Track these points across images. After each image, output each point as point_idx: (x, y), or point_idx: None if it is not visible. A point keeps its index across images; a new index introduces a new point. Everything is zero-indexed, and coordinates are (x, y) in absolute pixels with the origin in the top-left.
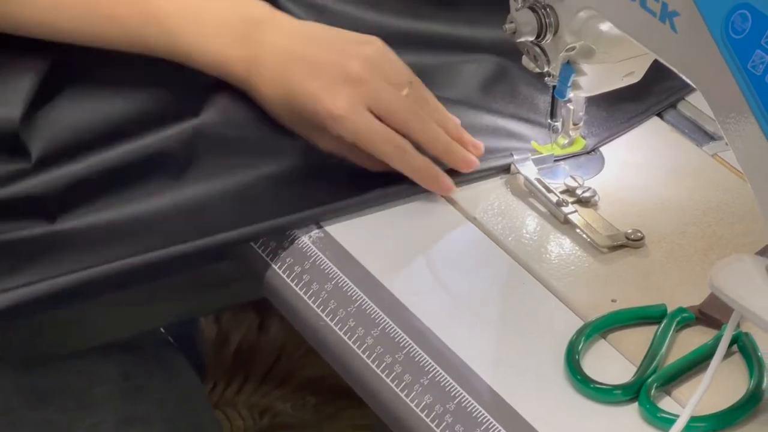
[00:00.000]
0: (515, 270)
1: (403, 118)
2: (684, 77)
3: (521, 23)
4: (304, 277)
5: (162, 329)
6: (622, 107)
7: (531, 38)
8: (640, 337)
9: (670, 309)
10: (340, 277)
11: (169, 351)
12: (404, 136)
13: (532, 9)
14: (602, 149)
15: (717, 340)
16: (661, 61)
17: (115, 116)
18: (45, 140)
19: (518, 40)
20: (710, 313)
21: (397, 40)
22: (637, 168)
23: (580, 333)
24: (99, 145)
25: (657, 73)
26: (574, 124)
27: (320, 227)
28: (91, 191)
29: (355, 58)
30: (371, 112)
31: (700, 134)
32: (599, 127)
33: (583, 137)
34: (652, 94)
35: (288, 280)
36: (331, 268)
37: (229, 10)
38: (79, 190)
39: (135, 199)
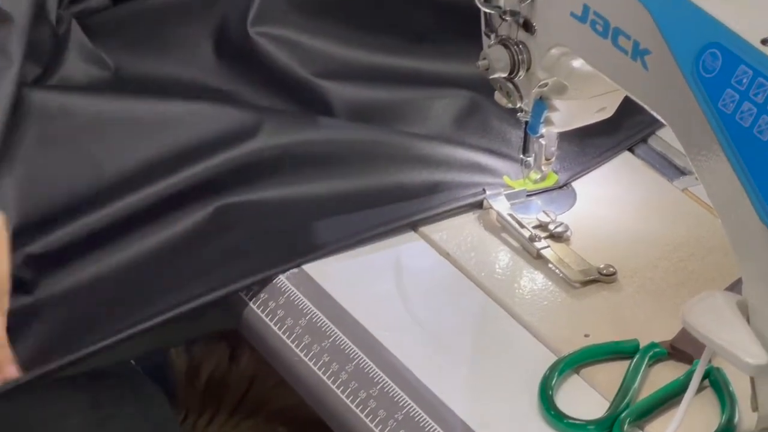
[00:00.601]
0: (488, 305)
1: None
2: (655, 114)
3: (494, 60)
4: (278, 312)
5: (132, 361)
6: (593, 142)
7: (504, 75)
8: (613, 372)
9: (642, 344)
10: (315, 312)
11: (140, 379)
12: None
13: (505, 45)
14: (574, 184)
15: (689, 375)
16: (633, 98)
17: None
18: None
19: (491, 77)
20: (682, 348)
21: (369, 76)
22: (609, 202)
23: (553, 368)
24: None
25: (628, 108)
26: (547, 159)
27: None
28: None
29: None
30: None
31: (671, 169)
32: (571, 161)
33: (556, 172)
34: (624, 129)
35: (263, 316)
36: (306, 304)
37: None
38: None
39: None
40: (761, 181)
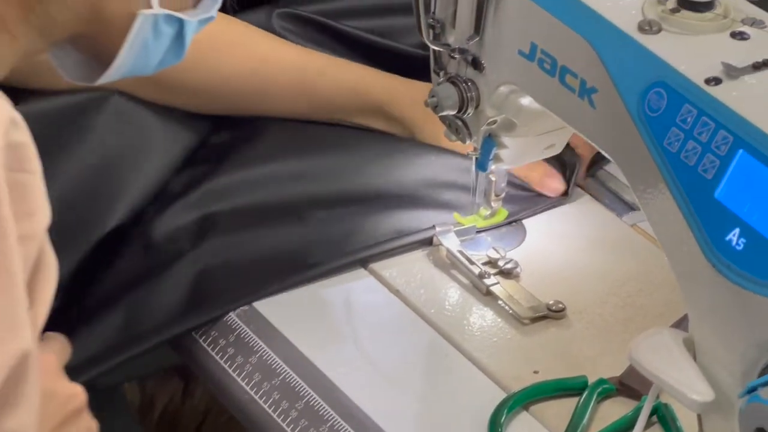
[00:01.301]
0: (438, 342)
1: None
2: (602, 152)
3: (443, 97)
4: (228, 350)
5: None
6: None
7: (453, 112)
8: (562, 409)
9: (591, 380)
10: (265, 350)
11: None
12: None
13: (454, 83)
14: (524, 220)
15: (637, 411)
16: (581, 135)
17: None
18: None
19: (440, 114)
20: (630, 384)
21: None
22: (559, 238)
23: (502, 405)
24: None
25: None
26: (496, 196)
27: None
28: None
29: None
30: None
31: (620, 204)
32: (521, 198)
33: (505, 208)
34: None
35: (213, 354)
36: (256, 342)
37: None
38: None
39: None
40: (706, 219)
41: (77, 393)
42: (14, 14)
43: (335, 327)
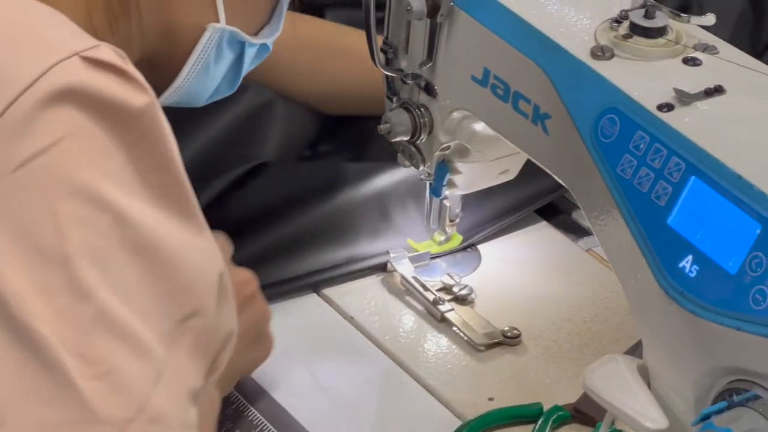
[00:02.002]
0: (392, 369)
1: None
2: (556, 177)
3: (396, 123)
4: None
5: None
6: (498, 204)
7: (405, 138)
8: None
9: (546, 406)
10: None
11: None
12: None
13: (407, 109)
14: (479, 245)
15: None
16: (534, 161)
17: None
18: None
19: (392, 140)
20: (585, 411)
21: None
22: (514, 264)
23: None
24: None
25: (534, 170)
26: (451, 221)
27: None
28: None
29: None
30: None
31: (575, 229)
32: (476, 223)
33: (460, 234)
34: (529, 191)
35: None
36: None
37: None
38: None
39: None
40: (659, 246)
41: (249, 279)
42: (102, 24)
43: (290, 355)
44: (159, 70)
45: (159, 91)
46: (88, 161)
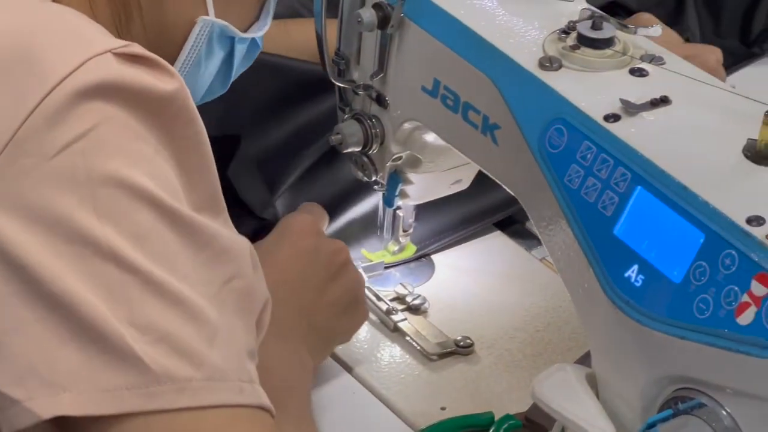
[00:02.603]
0: (345, 379)
1: None
2: (506, 187)
3: (347, 134)
4: None
5: None
6: (455, 215)
7: (357, 149)
8: None
9: (498, 415)
10: None
11: None
12: None
13: (359, 120)
14: (433, 255)
15: None
16: (484, 171)
17: None
18: None
19: (344, 151)
20: (536, 420)
21: None
22: (467, 273)
23: None
24: None
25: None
26: (404, 231)
27: None
28: None
29: None
30: None
31: (529, 238)
32: (432, 234)
33: (414, 244)
34: (487, 202)
35: None
36: None
37: None
38: None
39: None
40: (605, 256)
41: (341, 248)
42: (107, 23)
43: None
44: None
45: None
46: (121, 146)
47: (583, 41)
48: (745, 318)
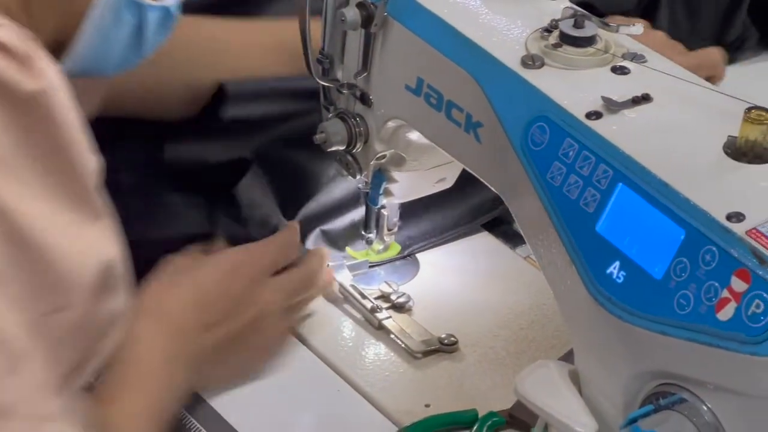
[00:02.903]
0: (330, 377)
1: None
2: (489, 186)
3: (331, 133)
4: None
5: None
6: (439, 215)
7: (341, 147)
8: None
9: (482, 413)
10: None
11: None
12: None
13: (342, 119)
14: (417, 254)
15: None
16: (468, 169)
17: None
18: None
19: (329, 150)
20: (520, 417)
21: None
22: (452, 272)
23: None
24: None
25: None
26: (389, 230)
27: None
28: None
29: None
30: None
31: (514, 237)
32: (415, 232)
33: (399, 243)
34: (474, 203)
35: None
36: None
37: None
38: None
39: None
40: (587, 252)
41: (273, 299)
42: (16, 4)
43: None
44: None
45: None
46: None
47: (566, 39)
48: (725, 313)
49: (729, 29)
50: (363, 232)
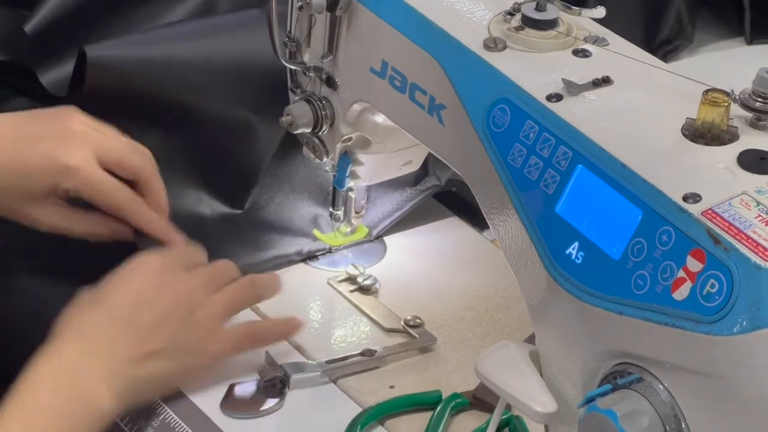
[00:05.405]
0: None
1: (135, 166)
2: (453, 168)
3: (298, 115)
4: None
5: None
6: (403, 193)
7: (307, 130)
8: (416, 423)
9: (447, 394)
10: None
11: None
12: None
13: (308, 101)
14: (385, 237)
15: (489, 425)
16: (432, 152)
17: None
18: None
19: (295, 132)
20: (483, 398)
21: None
22: (418, 254)
23: (356, 420)
24: None
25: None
26: (356, 213)
27: None
28: None
29: (73, 118)
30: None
31: (481, 219)
32: (381, 214)
33: (366, 225)
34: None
35: None
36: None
37: None
38: None
39: None
40: (547, 233)
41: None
42: None
43: None
44: None
45: None
46: None
47: (528, 22)
48: (681, 293)
49: (656, 33)
50: (330, 209)
